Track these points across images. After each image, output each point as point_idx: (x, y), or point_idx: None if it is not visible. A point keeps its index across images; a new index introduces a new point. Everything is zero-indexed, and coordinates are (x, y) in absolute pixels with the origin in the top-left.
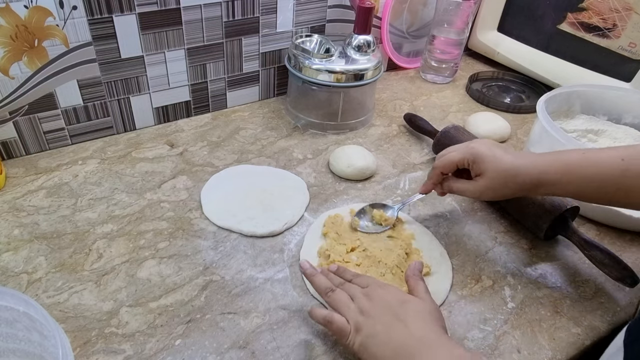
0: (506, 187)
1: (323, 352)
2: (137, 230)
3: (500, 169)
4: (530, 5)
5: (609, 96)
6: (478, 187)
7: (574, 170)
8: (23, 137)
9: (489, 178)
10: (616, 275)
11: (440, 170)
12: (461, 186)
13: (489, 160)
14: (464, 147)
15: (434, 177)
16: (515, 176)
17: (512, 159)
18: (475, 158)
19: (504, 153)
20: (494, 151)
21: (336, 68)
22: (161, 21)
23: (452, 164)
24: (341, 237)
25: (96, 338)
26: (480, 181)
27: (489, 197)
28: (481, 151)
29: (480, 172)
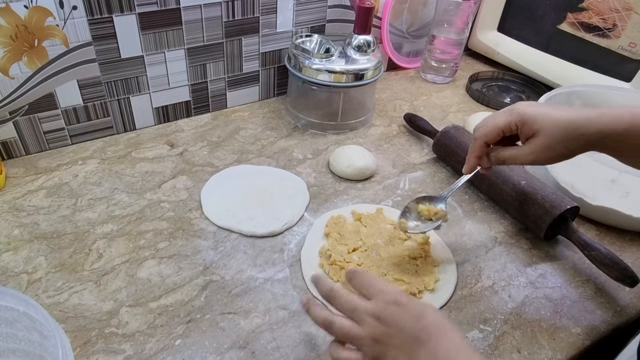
0: (566, 144)
1: (323, 352)
2: (137, 230)
3: (557, 124)
4: (530, 5)
5: (609, 96)
6: (534, 149)
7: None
8: (23, 137)
9: (545, 136)
10: (616, 275)
11: (484, 139)
12: (513, 152)
13: (542, 118)
14: (507, 111)
15: (476, 150)
16: (576, 129)
17: (566, 113)
18: (523, 119)
19: (554, 109)
20: (543, 108)
21: (336, 68)
22: (161, 21)
23: (497, 130)
24: (343, 237)
25: (96, 338)
26: (535, 142)
27: (545, 159)
28: (530, 110)
29: (534, 132)
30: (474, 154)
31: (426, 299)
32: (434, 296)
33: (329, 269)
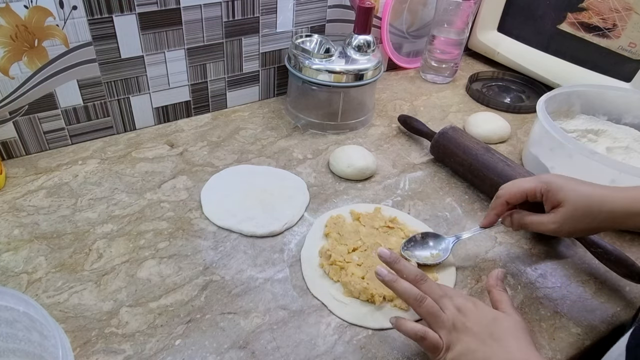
0: (590, 217)
1: (323, 352)
2: (137, 230)
3: (582, 197)
4: (530, 5)
5: (609, 96)
6: (557, 219)
7: None
8: (23, 137)
9: (569, 207)
10: (624, 272)
11: (506, 199)
12: (535, 219)
13: (568, 188)
14: (535, 178)
15: (497, 208)
16: (601, 204)
17: (594, 188)
18: (550, 187)
19: (583, 183)
20: (570, 180)
21: (336, 68)
22: (161, 21)
23: (521, 193)
24: (343, 237)
25: (96, 338)
26: (560, 211)
27: (569, 230)
28: (556, 180)
29: (558, 203)
30: (494, 211)
31: None
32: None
33: (329, 269)
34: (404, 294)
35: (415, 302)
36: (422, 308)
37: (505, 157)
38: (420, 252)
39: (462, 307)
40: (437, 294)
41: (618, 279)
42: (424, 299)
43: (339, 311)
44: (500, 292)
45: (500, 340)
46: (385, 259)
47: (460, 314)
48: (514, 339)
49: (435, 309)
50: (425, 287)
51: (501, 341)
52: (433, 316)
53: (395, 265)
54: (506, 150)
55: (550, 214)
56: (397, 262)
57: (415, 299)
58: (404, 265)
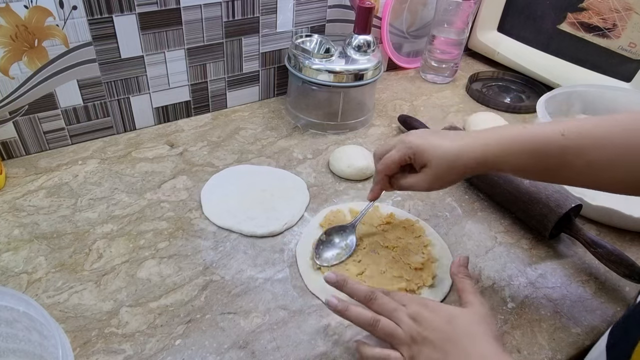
0: (452, 172)
1: (323, 352)
2: (137, 230)
3: (442, 156)
4: (530, 5)
5: (609, 96)
6: (426, 178)
7: (513, 144)
8: (23, 137)
9: (433, 167)
10: (624, 272)
11: (384, 172)
12: (409, 180)
13: (429, 150)
14: (400, 144)
15: (380, 182)
16: (457, 159)
17: (450, 143)
18: (414, 151)
19: (440, 139)
20: (431, 140)
21: (336, 68)
22: (161, 21)
23: (395, 164)
24: None
25: (96, 338)
26: (426, 172)
27: (438, 186)
28: (418, 143)
29: (424, 163)
30: (378, 185)
31: (425, 294)
32: (433, 291)
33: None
34: (356, 321)
35: (369, 327)
36: (378, 331)
37: None
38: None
39: (417, 315)
40: (389, 309)
41: (618, 279)
42: (377, 322)
43: None
44: (462, 280)
45: (458, 343)
46: (333, 284)
47: (416, 324)
48: (469, 338)
49: (391, 328)
50: (377, 305)
51: (458, 344)
52: (390, 336)
53: (344, 288)
54: None
55: (420, 174)
56: (345, 285)
57: (369, 324)
58: (351, 286)
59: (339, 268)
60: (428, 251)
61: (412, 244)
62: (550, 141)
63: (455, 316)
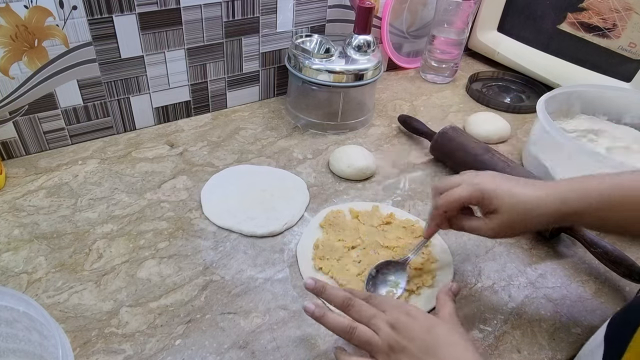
0: (525, 223)
1: (323, 352)
2: (137, 230)
3: (516, 205)
4: (530, 5)
5: (609, 96)
6: (493, 226)
7: (599, 196)
8: (23, 137)
9: (505, 215)
10: (623, 272)
11: (444, 209)
12: (474, 224)
13: (502, 196)
14: (469, 183)
15: (437, 219)
16: (534, 209)
17: (527, 192)
18: (484, 195)
19: (515, 185)
20: (504, 185)
21: (336, 68)
22: (161, 21)
23: (458, 204)
24: (340, 232)
25: (96, 338)
26: (494, 219)
27: (505, 234)
28: (490, 188)
29: (493, 209)
30: (434, 222)
31: (424, 294)
32: (432, 292)
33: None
34: (334, 329)
35: (346, 334)
36: (355, 339)
37: (505, 157)
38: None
39: (396, 322)
40: (367, 316)
41: (618, 279)
42: (354, 330)
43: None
44: (446, 300)
45: (437, 353)
46: (311, 290)
47: (395, 332)
48: (449, 347)
49: (368, 336)
50: (354, 311)
51: (437, 354)
52: (367, 344)
53: (322, 295)
54: (506, 150)
55: (486, 220)
56: (323, 292)
57: (346, 332)
58: (329, 293)
59: (340, 268)
60: (428, 251)
61: (412, 244)
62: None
63: (435, 325)
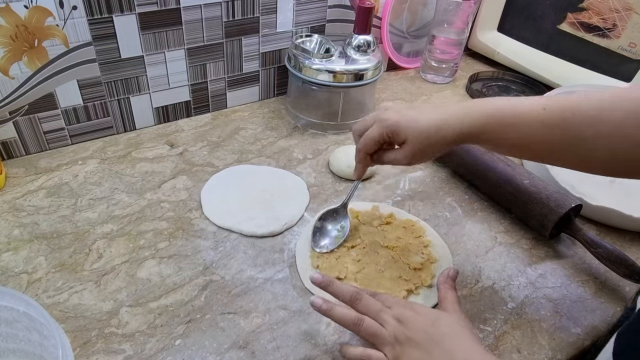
0: (432, 145)
1: (323, 352)
2: (137, 230)
3: (420, 130)
4: (530, 5)
5: None
6: (406, 153)
7: (493, 118)
8: (23, 137)
9: (412, 142)
10: (624, 272)
11: (364, 151)
12: (389, 156)
13: (407, 127)
14: (378, 122)
15: (362, 160)
16: (437, 132)
17: (428, 117)
18: (392, 130)
19: (418, 114)
20: (408, 115)
21: (336, 68)
22: (161, 21)
23: (374, 142)
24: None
25: (96, 338)
26: (406, 147)
27: (419, 160)
28: (395, 120)
29: (402, 140)
30: (360, 164)
31: (424, 294)
32: (432, 292)
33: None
34: (341, 321)
35: (353, 326)
36: (362, 331)
37: (505, 157)
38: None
39: (402, 316)
40: (374, 310)
41: (618, 279)
42: (362, 322)
43: None
44: (447, 289)
45: (441, 343)
46: (318, 284)
47: (401, 325)
48: (455, 339)
49: (375, 328)
50: (362, 305)
51: (443, 344)
52: (374, 336)
53: (329, 288)
54: None
55: (400, 150)
56: (330, 285)
57: (354, 324)
58: (337, 287)
59: (338, 266)
60: (428, 251)
61: (412, 244)
62: (530, 115)
63: (439, 318)
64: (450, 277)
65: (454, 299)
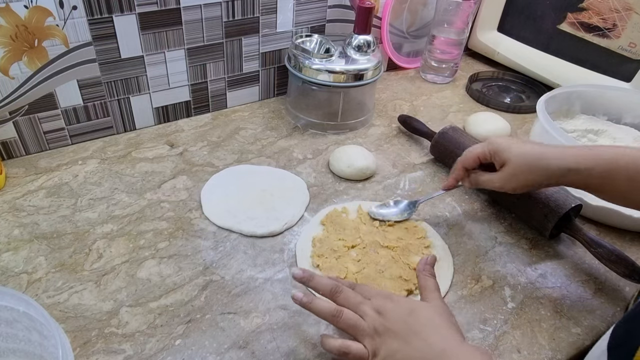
0: (531, 173)
1: (323, 352)
2: (137, 230)
3: (523, 154)
4: (530, 5)
5: (609, 96)
6: (502, 175)
7: (605, 159)
8: (23, 137)
9: (512, 165)
10: (624, 271)
11: (462, 164)
12: (486, 177)
13: (511, 148)
14: (485, 142)
15: (456, 172)
16: (539, 160)
17: (534, 146)
18: (496, 148)
19: (525, 143)
20: (514, 141)
21: (336, 68)
22: (161, 21)
23: (474, 157)
24: (341, 232)
25: (96, 338)
26: (504, 170)
27: (511, 187)
28: (501, 141)
29: (504, 161)
30: (453, 175)
31: None
32: None
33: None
34: (320, 313)
35: (332, 318)
36: (341, 322)
37: None
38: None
39: (381, 307)
40: (354, 303)
41: (618, 279)
42: (340, 313)
43: None
44: (426, 278)
45: (419, 333)
46: (299, 279)
47: (380, 317)
48: (432, 329)
49: (354, 320)
50: (342, 298)
51: (421, 334)
52: (353, 328)
53: (310, 283)
54: None
55: (497, 173)
56: (311, 280)
57: (332, 315)
58: (317, 281)
59: (338, 266)
60: (428, 252)
61: (413, 245)
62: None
63: (417, 308)
64: (428, 264)
65: (433, 286)
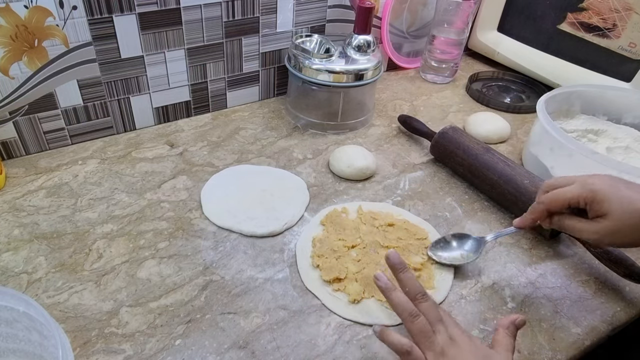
0: (637, 233)
1: (323, 352)
2: (137, 230)
3: (630, 212)
4: (530, 5)
5: (609, 96)
6: (600, 230)
7: None
8: (23, 137)
9: (614, 221)
10: (624, 272)
11: (547, 207)
12: (577, 225)
13: (615, 200)
14: (581, 183)
15: (536, 214)
16: None
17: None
18: (595, 196)
19: (630, 188)
20: (619, 188)
21: (336, 68)
22: (161, 21)
23: (564, 202)
24: (342, 232)
25: (96, 338)
26: (602, 223)
27: (610, 243)
28: (603, 189)
29: (603, 213)
30: (532, 216)
31: None
32: (432, 293)
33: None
34: (398, 305)
35: (409, 317)
36: (415, 325)
37: (505, 157)
38: (448, 253)
39: (457, 337)
40: (433, 317)
41: (618, 279)
42: (418, 316)
43: (332, 306)
44: (505, 335)
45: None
46: (392, 264)
47: (453, 344)
48: None
49: (428, 329)
50: (424, 306)
51: None
52: (424, 335)
53: (399, 274)
54: (506, 150)
55: (592, 223)
56: (402, 271)
57: (410, 314)
58: (408, 277)
59: (338, 266)
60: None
61: (413, 245)
62: None
63: (492, 356)
64: (515, 325)
65: (509, 347)
